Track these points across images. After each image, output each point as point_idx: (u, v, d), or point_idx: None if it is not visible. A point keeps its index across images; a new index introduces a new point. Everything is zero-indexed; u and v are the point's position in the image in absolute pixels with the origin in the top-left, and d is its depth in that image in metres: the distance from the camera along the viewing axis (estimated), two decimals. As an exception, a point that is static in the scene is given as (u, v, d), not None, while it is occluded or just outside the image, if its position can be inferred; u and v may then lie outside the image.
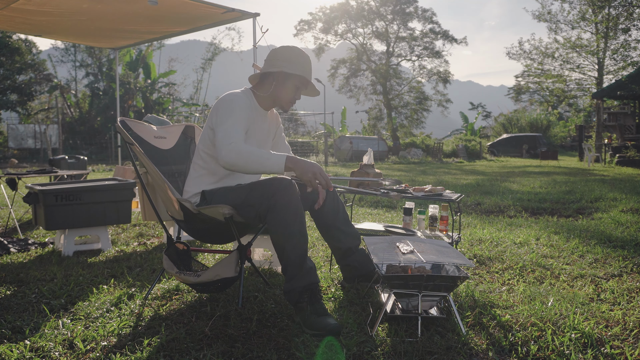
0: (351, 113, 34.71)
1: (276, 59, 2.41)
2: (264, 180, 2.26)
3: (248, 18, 6.21)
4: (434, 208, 3.07)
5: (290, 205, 2.15)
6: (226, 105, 2.32)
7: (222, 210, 2.24)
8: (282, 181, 2.19)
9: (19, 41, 24.91)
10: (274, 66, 2.40)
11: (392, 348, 1.90)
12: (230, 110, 2.30)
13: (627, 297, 2.52)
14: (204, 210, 2.31)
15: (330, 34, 33.69)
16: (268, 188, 2.19)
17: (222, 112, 2.31)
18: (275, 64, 2.40)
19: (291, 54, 2.42)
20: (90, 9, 5.58)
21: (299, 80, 2.43)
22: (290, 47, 2.46)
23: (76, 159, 7.03)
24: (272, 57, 2.43)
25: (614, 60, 24.30)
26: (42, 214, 3.64)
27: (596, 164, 16.96)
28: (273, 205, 2.16)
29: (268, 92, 2.45)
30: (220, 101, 2.36)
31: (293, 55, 2.42)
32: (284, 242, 2.17)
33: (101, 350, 1.92)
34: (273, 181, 2.21)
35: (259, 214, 2.23)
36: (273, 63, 2.41)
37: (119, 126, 2.50)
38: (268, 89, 2.45)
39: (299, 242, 2.17)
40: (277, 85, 2.43)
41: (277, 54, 2.43)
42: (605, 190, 7.61)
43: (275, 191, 2.16)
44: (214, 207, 2.26)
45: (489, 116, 50.20)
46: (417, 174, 12.72)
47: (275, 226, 2.17)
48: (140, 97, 26.56)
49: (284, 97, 2.45)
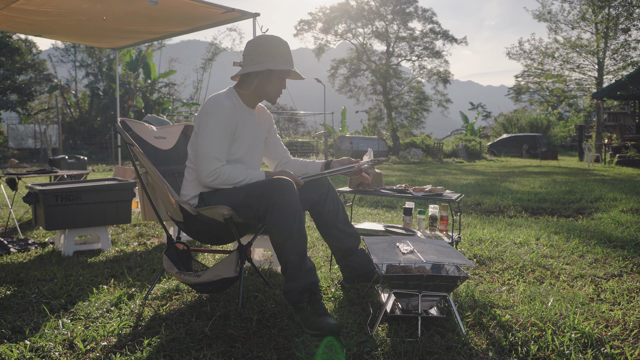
0: (351, 113, 34.71)
1: (257, 54, 2.35)
2: (263, 181, 2.26)
3: (248, 18, 6.21)
4: (434, 208, 3.07)
5: (289, 205, 2.15)
6: (208, 115, 2.30)
7: (221, 211, 2.23)
8: (280, 181, 2.18)
9: (19, 41, 24.91)
10: (257, 63, 2.34)
11: (392, 348, 1.90)
12: (212, 122, 2.29)
13: (627, 297, 2.52)
14: (203, 212, 2.31)
15: (330, 34, 33.70)
16: (267, 188, 2.19)
17: (204, 123, 2.31)
18: (258, 59, 2.35)
19: (271, 47, 2.36)
20: (90, 8, 5.58)
21: (283, 72, 2.41)
22: (268, 39, 2.39)
23: (76, 159, 7.02)
24: (252, 52, 2.37)
25: (614, 60, 24.32)
26: (42, 214, 3.64)
27: (596, 164, 16.96)
28: (272, 206, 2.16)
29: (250, 90, 2.42)
30: (203, 108, 2.34)
31: (273, 48, 2.36)
32: (283, 242, 2.17)
33: (101, 350, 1.92)
34: (272, 181, 2.20)
35: (258, 215, 2.22)
36: (254, 59, 2.35)
37: (119, 127, 2.50)
38: (250, 86, 2.42)
39: (299, 242, 2.17)
40: (261, 82, 2.40)
41: (257, 49, 2.36)
42: (605, 190, 7.61)
43: (274, 191, 2.16)
44: (213, 208, 2.26)
45: (489, 116, 50.21)
46: (417, 174, 12.72)
47: (275, 226, 2.17)
48: (140, 97, 26.56)
49: (271, 91, 2.43)
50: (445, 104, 34.72)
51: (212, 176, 2.28)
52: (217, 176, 2.28)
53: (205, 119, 2.32)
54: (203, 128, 2.31)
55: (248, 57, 2.38)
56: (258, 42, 2.38)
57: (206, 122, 2.31)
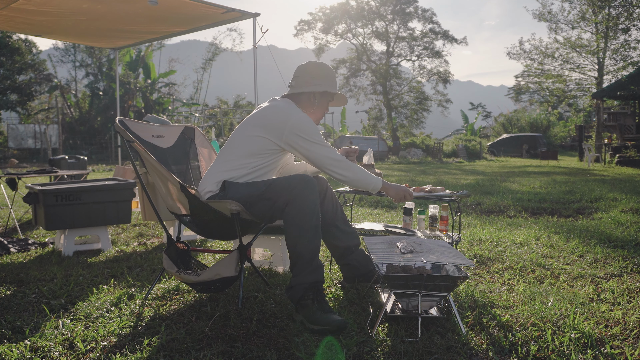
0: (351, 113, 34.70)
1: (313, 77, 2.49)
2: (285, 177, 2.29)
3: (248, 18, 6.21)
4: (434, 208, 3.07)
5: (309, 201, 2.18)
6: (314, 129, 2.39)
7: (229, 206, 2.24)
8: (303, 177, 2.22)
9: (19, 41, 24.90)
10: (320, 86, 2.48)
11: (392, 348, 1.90)
12: (317, 132, 2.39)
13: (627, 297, 2.52)
14: (212, 204, 2.31)
15: (330, 34, 33.66)
16: (289, 182, 2.23)
17: (313, 132, 2.36)
18: (317, 82, 2.48)
19: (326, 71, 2.53)
20: (90, 9, 5.58)
21: (331, 97, 2.57)
22: (318, 64, 2.55)
23: (76, 159, 7.02)
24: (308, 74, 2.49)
25: (614, 60, 24.29)
26: (42, 214, 3.64)
27: (596, 164, 16.95)
28: (293, 199, 2.18)
29: (311, 111, 2.52)
30: (306, 122, 2.36)
31: (324, 73, 2.51)
32: (297, 236, 2.19)
33: (101, 350, 1.92)
34: (294, 177, 2.24)
35: (275, 208, 2.24)
36: (314, 82, 2.48)
37: (118, 125, 2.50)
38: (310, 108, 2.52)
39: (313, 237, 2.20)
40: (320, 105, 2.54)
41: (313, 72, 2.50)
42: (605, 190, 7.61)
43: (295, 185, 2.19)
44: (223, 202, 2.27)
45: (489, 116, 50.17)
46: (417, 174, 12.72)
47: (292, 219, 2.19)
48: (140, 97, 26.55)
49: (320, 115, 2.57)
50: (445, 104, 34.68)
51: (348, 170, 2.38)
52: (348, 167, 2.38)
53: (313, 129, 2.38)
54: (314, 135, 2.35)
55: (301, 80, 2.50)
56: (317, 68, 2.53)
57: (315, 131, 2.37)
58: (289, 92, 2.52)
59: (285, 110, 2.38)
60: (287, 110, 2.38)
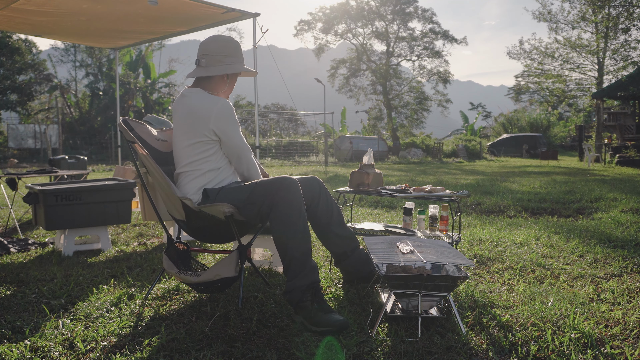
0: (351, 113, 34.69)
1: (225, 55, 2.42)
2: (267, 179, 2.27)
3: (248, 18, 6.21)
4: (434, 208, 3.07)
5: (294, 203, 2.15)
6: (233, 115, 2.37)
7: (222, 208, 2.23)
8: (285, 179, 2.19)
9: (19, 41, 24.91)
10: (225, 65, 2.41)
11: (392, 348, 1.90)
12: (236, 124, 2.38)
13: (627, 297, 2.52)
14: (204, 209, 2.30)
15: (330, 34, 33.66)
16: (271, 186, 2.20)
17: (231, 121, 2.36)
18: (225, 61, 2.41)
19: (232, 47, 2.44)
20: (90, 9, 5.58)
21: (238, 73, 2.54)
22: (227, 40, 2.45)
23: (76, 159, 7.02)
24: (220, 53, 2.41)
25: (614, 60, 24.31)
26: (42, 214, 3.64)
27: (596, 164, 16.95)
28: (276, 203, 2.15)
29: (223, 91, 2.49)
30: (226, 108, 2.35)
31: (235, 49, 2.45)
32: (286, 240, 2.15)
33: (101, 350, 1.92)
34: (276, 179, 2.21)
35: (261, 212, 2.22)
36: (226, 61, 2.42)
37: (121, 124, 2.50)
38: (222, 88, 2.48)
39: (302, 239, 2.16)
40: (231, 83, 2.50)
41: (223, 50, 2.42)
42: (605, 190, 7.61)
43: (278, 189, 2.16)
44: (215, 206, 2.26)
45: (489, 116, 50.19)
46: (417, 174, 12.72)
47: (278, 224, 2.16)
48: (140, 97, 26.55)
49: (230, 92, 2.54)
50: (445, 104, 34.69)
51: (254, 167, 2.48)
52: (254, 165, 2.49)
53: (232, 116, 2.37)
54: (232, 130, 2.37)
55: (213, 58, 2.41)
56: (220, 43, 2.43)
57: (233, 119, 2.37)
58: (200, 73, 2.42)
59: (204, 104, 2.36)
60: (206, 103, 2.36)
